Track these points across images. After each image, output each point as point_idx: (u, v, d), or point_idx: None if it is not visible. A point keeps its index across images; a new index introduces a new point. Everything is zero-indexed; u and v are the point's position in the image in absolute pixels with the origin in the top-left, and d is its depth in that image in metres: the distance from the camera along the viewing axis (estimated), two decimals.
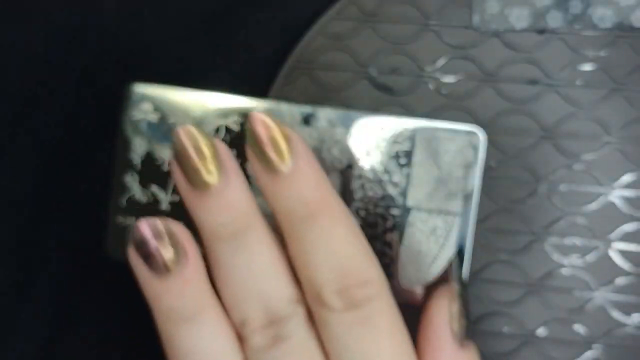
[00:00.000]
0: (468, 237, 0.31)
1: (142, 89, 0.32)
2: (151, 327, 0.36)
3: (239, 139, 0.32)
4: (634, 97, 0.32)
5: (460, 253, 0.31)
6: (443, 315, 0.27)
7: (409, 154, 0.32)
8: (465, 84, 0.33)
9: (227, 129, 0.32)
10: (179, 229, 0.26)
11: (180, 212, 0.32)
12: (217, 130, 0.32)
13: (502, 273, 0.33)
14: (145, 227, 0.26)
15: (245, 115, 0.32)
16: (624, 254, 0.32)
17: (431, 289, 0.32)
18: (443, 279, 0.32)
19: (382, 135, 0.32)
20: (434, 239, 0.31)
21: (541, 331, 0.33)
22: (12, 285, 0.35)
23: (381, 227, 0.32)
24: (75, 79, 0.35)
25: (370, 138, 0.32)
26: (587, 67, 0.32)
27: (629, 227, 0.32)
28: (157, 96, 0.32)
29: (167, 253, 0.26)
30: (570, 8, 0.32)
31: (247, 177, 0.32)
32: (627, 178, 0.32)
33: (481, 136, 0.31)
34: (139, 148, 0.32)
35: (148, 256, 0.26)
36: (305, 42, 0.33)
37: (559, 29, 0.32)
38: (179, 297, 0.26)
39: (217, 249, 0.26)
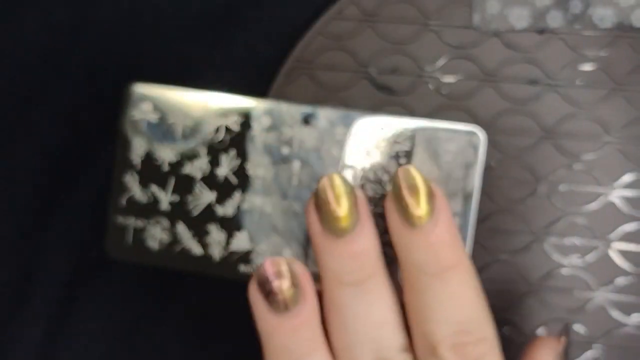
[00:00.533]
0: (468, 237, 0.31)
1: (142, 88, 0.32)
2: (151, 325, 0.36)
3: (238, 139, 0.32)
4: (634, 97, 0.32)
5: None
6: None
7: (409, 154, 0.32)
8: (465, 84, 0.33)
9: (227, 129, 0.32)
10: (301, 270, 0.27)
11: (179, 212, 0.32)
12: (217, 130, 0.32)
13: (502, 273, 0.33)
14: (270, 265, 0.27)
15: (245, 115, 0.32)
16: (624, 254, 0.32)
17: None
18: None
19: (382, 135, 0.32)
20: None
21: (541, 331, 0.33)
22: (13, 284, 0.35)
23: (381, 227, 0.32)
24: (76, 79, 0.35)
25: (370, 138, 0.32)
26: (587, 67, 0.32)
27: (629, 227, 0.32)
28: (157, 96, 0.32)
29: (288, 292, 0.26)
30: (570, 8, 0.32)
31: (247, 177, 0.32)
32: (627, 178, 0.32)
33: (481, 136, 0.31)
34: (138, 148, 0.32)
35: (269, 293, 0.26)
36: (305, 42, 0.33)
37: (559, 29, 0.32)
38: (292, 336, 0.26)
39: (337, 293, 0.27)
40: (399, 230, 0.27)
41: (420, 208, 0.26)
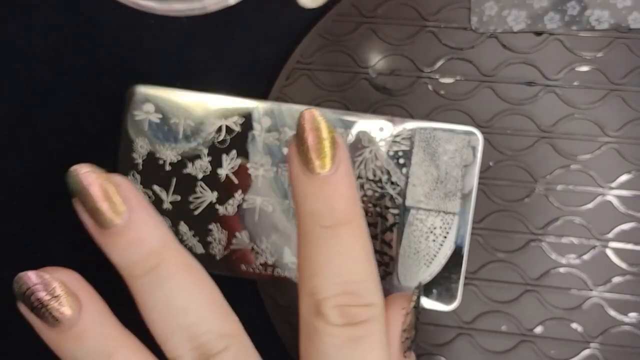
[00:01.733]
0: (466, 236, 0.32)
1: (145, 90, 0.33)
2: None
3: (239, 139, 0.32)
4: (631, 98, 0.32)
5: (458, 252, 0.32)
6: (397, 325, 0.26)
7: (408, 154, 0.32)
8: (463, 85, 0.33)
9: (228, 130, 0.33)
10: (70, 277, 0.25)
11: (181, 212, 0.33)
12: (219, 130, 0.32)
13: (500, 272, 0.33)
14: (32, 278, 0.24)
15: (246, 116, 0.32)
16: (621, 253, 0.33)
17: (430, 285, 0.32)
18: (440, 277, 0.32)
19: (382, 136, 0.32)
20: (433, 238, 0.32)
21: (539, 330, 0.33)
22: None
23: (381, 226, 0.32)
24: (78, 82, 0.35)
25: (370, 138, 0.32)
26: (584, 68, 0.33)
27: (625, 226, 0.33)
28: (159, 97, 0.33)
29: (57, 305, 0.24)
30: (567, 10, 0.32)
31: (248, 177, 0.32)
32: (623, 178, 0.33)
33: (479, 136, 0.32)
34: (141, 148, 0.33)
35: (36, 309, 0.24)
36: (305, 43, 0.34)
37: (556, 30, 0.33)
38: (80, 347, 0.25)
39: (134, 285, 0.25)
40: (297, 176, 0.25)
41: (321, 154, 0.25)
